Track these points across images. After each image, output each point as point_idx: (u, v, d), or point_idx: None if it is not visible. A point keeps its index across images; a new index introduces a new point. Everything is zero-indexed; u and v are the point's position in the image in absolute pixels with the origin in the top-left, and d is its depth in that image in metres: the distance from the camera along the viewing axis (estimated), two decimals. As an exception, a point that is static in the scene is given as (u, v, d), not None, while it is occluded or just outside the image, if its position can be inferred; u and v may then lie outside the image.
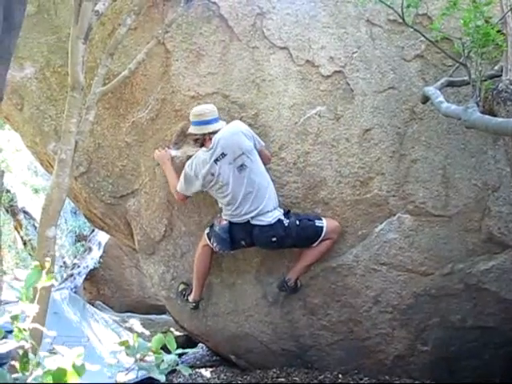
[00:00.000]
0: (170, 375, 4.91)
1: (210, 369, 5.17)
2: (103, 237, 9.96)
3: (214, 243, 4.12)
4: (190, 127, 4.04)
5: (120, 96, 4.39)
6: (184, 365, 1.66)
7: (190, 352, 6.19)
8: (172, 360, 1.53)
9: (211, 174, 3.95)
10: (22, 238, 10.72)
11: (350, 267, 4.22)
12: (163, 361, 1.53)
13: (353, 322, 4.34)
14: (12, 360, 1.47)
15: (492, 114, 3.15)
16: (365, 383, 4.31)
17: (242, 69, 4.16)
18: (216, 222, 4.14)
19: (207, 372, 5.06)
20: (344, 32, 4.11)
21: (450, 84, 3.71)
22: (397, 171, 4.08)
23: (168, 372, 1.58)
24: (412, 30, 3.75)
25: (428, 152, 4.05)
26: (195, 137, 4.06)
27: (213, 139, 3.94)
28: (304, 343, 4.50)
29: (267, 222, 3.98)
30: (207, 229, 4.25)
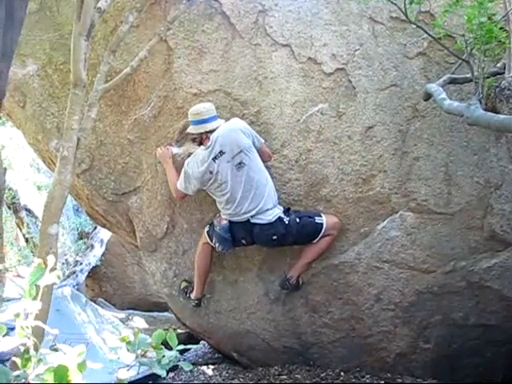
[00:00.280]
0: (172, 372, 4.92)
1: (212, 366, 5.17)
2: (105, 234, 9.99)
3: (216, 243, 4.11)
4: (189, 126, 4.05)
5: (122, 93, 4.39)
6: (185, 362, 1.66)
7: (192, 349, 6.20)
8: (173, 356, 1.53)
9: (209, 172, 3.95)
10: (24, 236, 10.75)
11: (352, 265, 4.22)
12: (164, 356, 1.53)
13: (355, 320, 4.33)
14: (14, 357, 1.47)
15: (495, 112, 3.15)
16: (366, 381, 4.31)
17: (244, 66, 4.15)
18: (216, 222, 4.13)
19: (209, 369, 5.06)
20: (346, 29, 4.11)
21: (453, 81, 3.70)
22: (399, 169, 4.08)
23: (169, 369, 1.59)
24: (414, 27, 3.73)
25: (430, 149, 4.04)
26: (193, 136, 4.06)
27: (211, 137, 3.94)
28: (306, 341, 4.50)
29: (267, 221, 3.97)
30: (207, 227, 4.25)
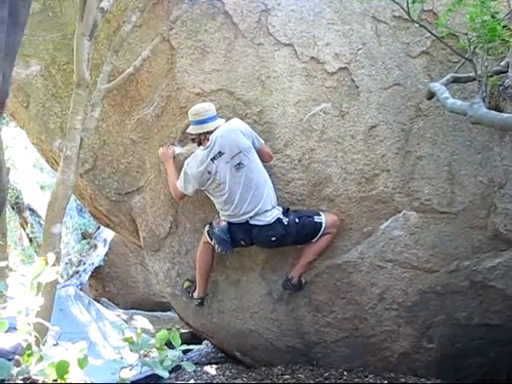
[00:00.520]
0: (175, 372, 4.92)
1: (215, 366, 5.17)
2: (108, 234, 10.00)
3: (216, 245, 4.11)
4: (189, 127, 4.05)
5: (125, 93, 4.39)
6: (188, 361, 1.66)
7: (195, 349, 6.21)
8: (176, 356, 1.53)
9: (208, 173, 3.94)
10: (28, 235, 10.77)
11: (356, 264, 4.21)
12: (167, 357, 1.53)
13: (358, 319, 4.33)
14: (17, 355, 1.48)
15: (498, 110, 3.14)
16: (370, 381, 4.31)
17: (247, 66, 4.15)
18: (215, 223, 4.13)
19: (212, 369, 5.06)
20: (349, 28, 4.10)
21: (456, 80, 3.69)
22: (402, 168, 4.07)
23: (172, 369, 1.59)
24: (417, 26, 3.73)
25: (433, 149, 4.03)
26: (192, 136, 4.05)
27: (210, 137, 3.93)
28: (309, 340, 4.50)
29: (266, 222, 3.97)
30: (207, 226, 4.26)
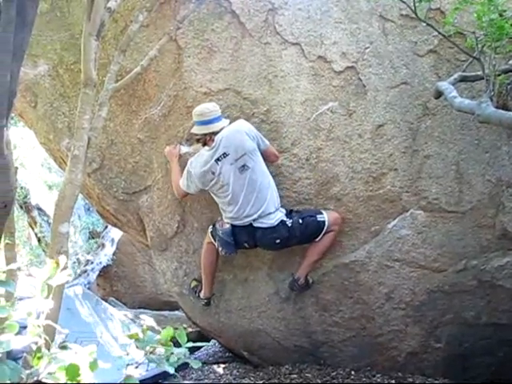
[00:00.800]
0: (182, 371, 4.93)
1: (223, 365, 5.18)
2: (116, 233, 10.03)
3: (220, 247, 4.12)
4: (194, 127, 4.05)
5: (132, 92, 4.40)
6: (195, 359, 1.66)
7: (203, 348, 6.22)
8: (182, 353, 1.53)
9: (211, 173, 3.95)
10: (37, 235, 10.82)
11: (363, 263, 4.21)
12: (173, 354, 1.53)
13: (365, 319, 4.32)
14: (26, 355, 1.49)
15: (506, 109, 3.13)
16: (377, 380, 4.30)
17: (254, 65, 4.15)
18: (218, 226, 4.13)
19: (220, 368, 5.07)
20: (356, 27, 4.09)
21: (464, 79, 3.68)
22: (410, 167, 4.06)
23: (180, 367, 1.59)
24: (425, 25, 3.72)
25: (441, 148, 4.02)
26: (197, 136, 4.05)
27: (215, 138, 3.93)
28: (316, 340, 4.50)
29: (270, 225, 3.97)
30: (210, 227, 4.27)
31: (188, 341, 1.66)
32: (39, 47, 4.55)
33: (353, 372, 4.41)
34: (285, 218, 3.99)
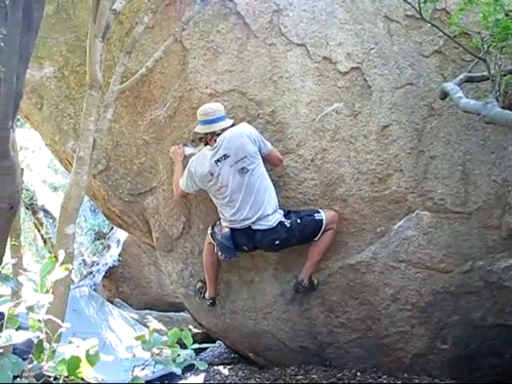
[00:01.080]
0: (188, 372, 4.93)
1: (228, 366, 5.19)
2: (122, 234, 10.05)
3: (219, 252, 4.12)
4: (197, 126, 4.06)
5: (138, 94, 4.41)
6: (201, 360, 1.66)
7: (208, 349, 6.23)
8: (188, 354, 1.53)
9: (210, 174, 3.95)
10: (42, 236, 10.85)
11: (369, 264, 4.20)
12: (179, 355, 1.53)
13: (371, 320, 4.32)
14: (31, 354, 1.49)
15: (512, 109, 3.11)
16: (383, 381, 4.29)
17: (259, 66, 4.15)
18: (217, 230, 4.13)
19: (225, 369, 5.07)
20: (361, 28, 4.09)
21: (469, 79, 3.67)
22: (415, 168, 4.05)
23: (185, 369, 1.60)
24: (430, 26, 3.71)
25: (447, 148, 4.01)
26: (200, 135, 4.07)
27: (218, 139, 3.94)
28: (322, 341, 4.49)
29: (268, 226, 3.96)
30: (209, 229, 4.28)
31: (194, 342, 1.66)
32: (45, 49, 4.57)
33: (359, 373, 4.40)
34: (283, 219, 3.99)
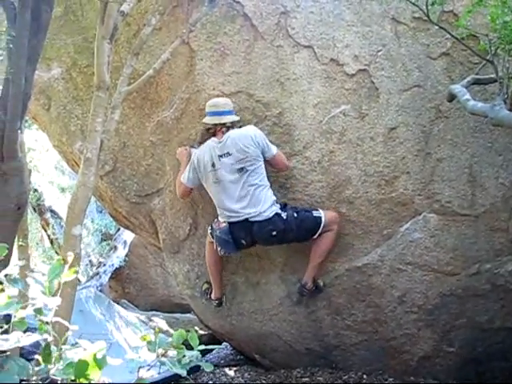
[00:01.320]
0: (194, 374, 4.93)
1: (234, 368, 5.18)
2: (128, 236, 10.06)
3: (218, 247, 4.13)
4: (205, 117, 4.08)
5: (145, 95, 4.42)
6: (207, 362, 1.66)
7: (214, 351, 6.22)
8: (194, 355, 1.53)
9: (212, 165, 4.00)
10: (49, 237, 10.86)
11: (375, 267, 4.19)
12: (185, 356, 1.53)
13: (378, 322, 4.31)
14: (38, 355, 1.50)
15: (520, 112, 3.09)
16: (389, 384, 4.29)
17: (267, 68, 4.16)
18: (215, 226, 4.15)
19: (231, 371, 5.06)
20: (369, 30, 4.08)
21: (477, 82, 3.66)
22: (422, 170, 4.04)
23: (191, 370, 1.60)
24: (437, 28, 3.70)
25: (454, 150, 4.00)
26: (208, 126, 4.09)
27: (225, 135, 3.99)
28: (328, 343, 4.48)
29: (265, 217, 3.97)
30: (209, 228, 4.29)
31: (200, 343, 1.67)
32: (53, 50, 4.59)
33: (365, 376, 4.38)
34: (279, 211, 4.00)
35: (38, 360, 1.44)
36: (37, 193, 10.37)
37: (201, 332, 6.28)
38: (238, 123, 4.11)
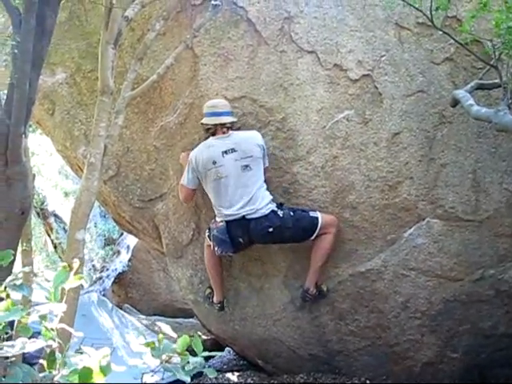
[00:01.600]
0: (197, 379, 4.92)
1: (237, 373, 5.16)
2: (132, 240, 10.06)
3: (215, 247, 4.13)
4: (204, 118, 4.09)
5: (149, 100, 4.43)
6: (210, 368, 1.66)
7: (217, 356, 6.20)
8: (198, 362, 1.53)
9: (213, 163, 4.01)
10: (53, 241, 10.89)
11: (379, 272, 4.18)
12: (189, 362, 1.53)
13: (381, 328, 4.29)
14: (41, 359, 1.49)
15: (524, 117, 3.09)
16: (393, 390, 4.27)
17: (270, 73, 4.16)
18: (213, 226, 4.16)
19: (234, 376, 5.05)
20: (372, 35, 4.09)
21: (481, 87, 3.65)
22: (426, 175, 4.04)
23: (194, 375, 1.59)
24: (441, 33, 3.70)
25: (458, 156, 4.00)
26: (207, 126, 4.10)
27: (229, 133, 4.03)
28: (331, 348, 4.47)
29: (262, 214, 3.98)
30: (207, 231, 4.29)
31: (204, 349, 1.66)
32: (57, 55, 4.60)
33: (368, 381, 4.37)
34: (276, 209, 4.02)
35: (42, 365, 1.44)
36: (40, 197, 10.40)
37: (204, 337, 6.28)
38: (237, 125, 4.15)
